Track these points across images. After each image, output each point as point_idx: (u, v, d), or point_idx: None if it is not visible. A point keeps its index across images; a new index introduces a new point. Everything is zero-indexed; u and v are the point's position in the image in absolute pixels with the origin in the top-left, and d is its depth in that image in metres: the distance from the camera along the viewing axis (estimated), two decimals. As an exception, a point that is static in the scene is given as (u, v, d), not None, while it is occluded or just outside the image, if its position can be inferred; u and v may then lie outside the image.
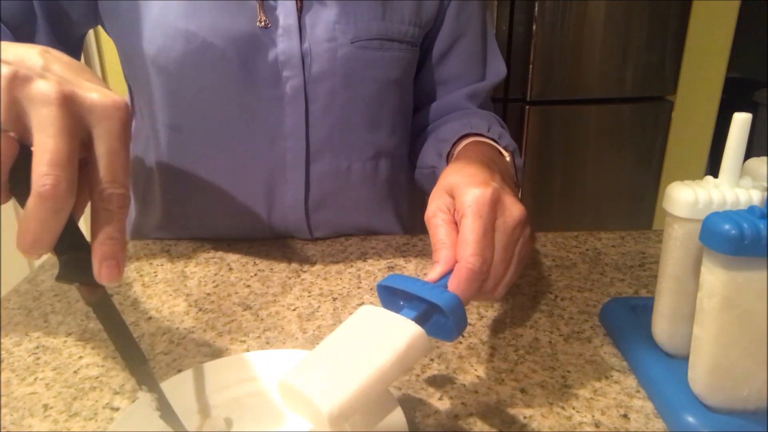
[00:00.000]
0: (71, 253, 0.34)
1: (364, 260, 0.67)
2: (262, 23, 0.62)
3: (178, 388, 0.44)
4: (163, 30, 0.62)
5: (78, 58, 0.71)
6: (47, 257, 0.69)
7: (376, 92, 0.69)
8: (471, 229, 0.41)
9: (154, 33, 0.63)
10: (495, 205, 0.42)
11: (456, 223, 0.43)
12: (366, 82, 0.68)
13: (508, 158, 0.60)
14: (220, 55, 0.62)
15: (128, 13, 0.64)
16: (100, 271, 0.33)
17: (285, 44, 0.64)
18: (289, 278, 0.63)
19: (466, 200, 0.42)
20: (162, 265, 0.67)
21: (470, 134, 0.66)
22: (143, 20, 0.63)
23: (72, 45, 0.69)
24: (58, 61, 0.35)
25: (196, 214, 0.72)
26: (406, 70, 0.71)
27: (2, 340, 0.53)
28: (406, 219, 0.80)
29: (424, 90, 0.77)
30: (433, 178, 0.69)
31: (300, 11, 0.64)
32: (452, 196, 0.44)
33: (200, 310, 0.57)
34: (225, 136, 0.67)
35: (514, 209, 0.42)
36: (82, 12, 0.65)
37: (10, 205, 1.69)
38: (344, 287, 0.61)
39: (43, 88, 0.31)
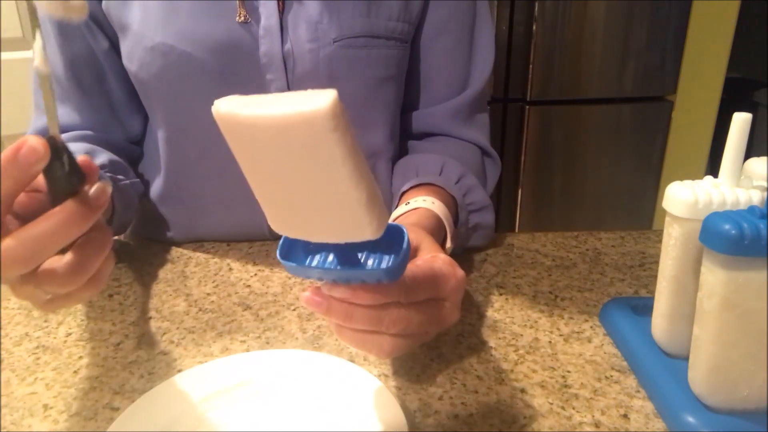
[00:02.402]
0: None
1: (364, 260, 0.67)
2: (242, 18, 0.61)
3: (178, 388, 0.44)
4: (141, 46, 0.62)
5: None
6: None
7: (364, 91, 0.67)
8: (439, 262, 0.41)
9: (134, 50, 0.63)
10: (458, 287, 0.41)
11: None
12: (353, 81, 0.66)
13: (448, 245, 0.58)
14: (200, 65, 0.61)
15: (119, 32, 0.64)
16: None
17: (266, 46, 0.62)
18: (289, 278, 0.63)
19: (444, 258, 0.42)
20: (162, 265, 0.67)
21: (435, 185, 0.62)
22: (126, 38, 0.63)
23: None
24: None
25: (194, 221, 0.72)
26: (396, 68, 0.68)
27: (2, 340, 0.53)
28: None
29: (408, 87, 0.74)
30: (394, 199, 0.68)
31: (281, 11, 0.62)
32: (417, 245, 0.44)
33: (200, 310, 0.57)
34: (215, 143, 0.66)
35: (455, 313, 0.42)
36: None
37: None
38: (344, 287, 0.61)
39: None
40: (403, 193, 0.64)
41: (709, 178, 0.43)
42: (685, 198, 0.41)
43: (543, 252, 0.68)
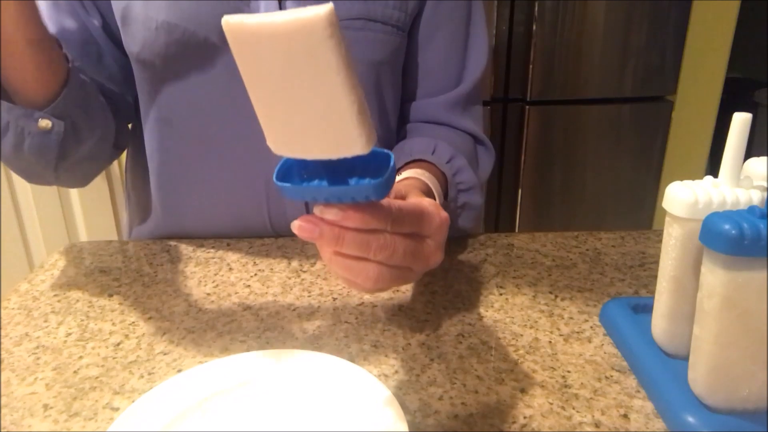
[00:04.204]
0: None
1: (364, 260, 0.67)
2: None
3: (178, 388, 0.44)
4: (144, 25, 0.62)
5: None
6: (46, 258, 0.69)
7: (361, 74, 0.67)
8: (425, 202, 0.42)
9: (137, 29, 0.63)
10: (442, 227, 0.43)
11: None
12: None
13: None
14: (203, 44, 0.62)
15: (121, 17, 0.64)
16: None
17: None
18: (289, 278, 0.63)
19: (430, 201, 0.44)
20: (162, 265, 0.67)
21: (428, 161, 0.65)
22: (129, 20, 0.64)
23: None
24: None
25: (195, 214, 0.72)
26: (392, 54, 0.70)
27: (2, 340, 0.53)
28: None
29: (405, 80, 0.75)
30: None
31: None
32: (405, 194, 0.46)
33: (200, 310, 0.57)
34: (216, 130, 0.67)
35: (438, 254, 0.43)
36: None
37: (10, 205, 1.69)
38: (344, 287, 0.61)
39: None
40: (397, 170, 0.65)
41: (709, 178, 0.43)
42: (685, 198, 0.41)
43: (543, 252, 0.69)
